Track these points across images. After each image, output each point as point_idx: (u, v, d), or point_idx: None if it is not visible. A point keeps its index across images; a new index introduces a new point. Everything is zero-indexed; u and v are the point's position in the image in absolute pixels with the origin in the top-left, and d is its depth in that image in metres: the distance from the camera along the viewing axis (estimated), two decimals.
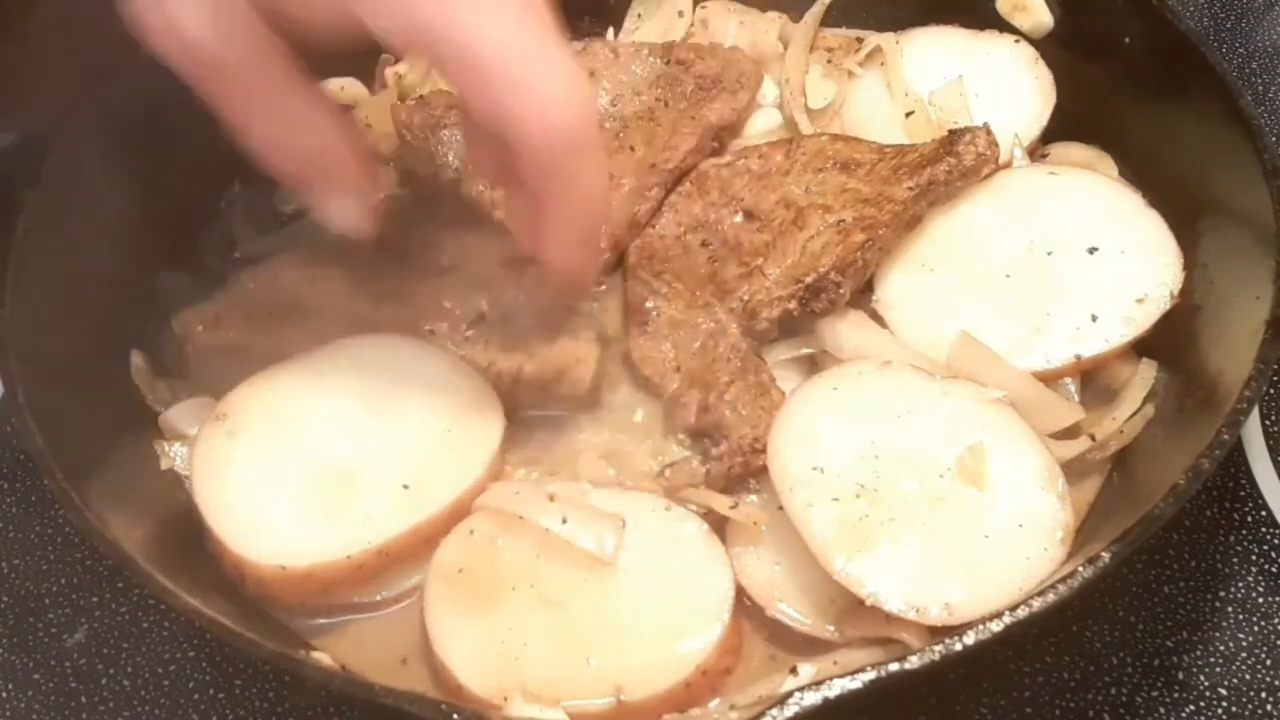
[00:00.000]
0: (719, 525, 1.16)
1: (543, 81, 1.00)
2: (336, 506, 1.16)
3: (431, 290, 1.37)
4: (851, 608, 1.09)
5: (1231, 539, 1.27)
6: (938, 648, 0.95)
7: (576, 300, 1.34)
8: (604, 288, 1.43)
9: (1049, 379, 1.24)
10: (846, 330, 1.27)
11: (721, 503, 1.16)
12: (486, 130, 1.04)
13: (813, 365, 1.30)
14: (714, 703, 1.09)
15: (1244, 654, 1.19)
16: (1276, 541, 1.26)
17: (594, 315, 1.37)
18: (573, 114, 1.02)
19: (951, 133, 1.39)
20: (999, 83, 1.50)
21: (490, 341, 1.32)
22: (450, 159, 1.51)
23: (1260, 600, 1.22)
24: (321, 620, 1.18)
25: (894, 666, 0.93)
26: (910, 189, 1.33)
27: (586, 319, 1.34)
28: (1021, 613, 0.96)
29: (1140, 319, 1.25)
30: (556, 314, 1.33)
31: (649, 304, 1.35)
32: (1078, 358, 1.24)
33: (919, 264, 1.33)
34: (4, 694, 1.24)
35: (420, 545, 1.16)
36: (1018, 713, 1.16)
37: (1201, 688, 1.17)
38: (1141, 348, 1.27)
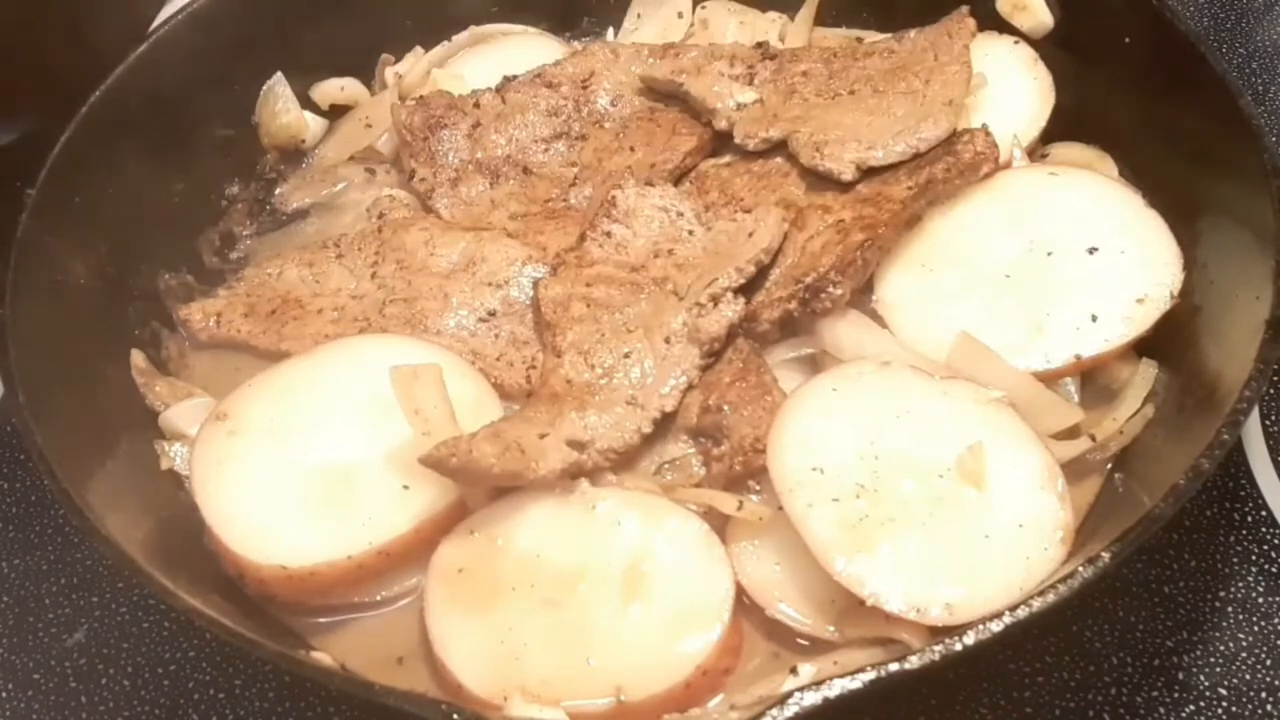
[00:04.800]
0: (719, 525, 1.16)
1: None
2: (337, 506, 1.16)
3: (434, 289, 1.37)
4: (852, 608, 1.09)
5: (1231, 539, 1.27)
6: (938, 648, 0.95)
7: None
8: None
9: (1049, 379, 1.24)
10: (846, 330, 1.27)
11: (723, 502, 1.16)
12: None
13: (813, 365, 1.30)
14: (714, 702, 1.09)
15: (1244, 654, 1.19)
16: (1276, 541, 1.26)
17: None
18: None
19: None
20: (999, 83, 1.50)
21: (500, 335, 1.33)
22: (450, 159, 1.51)
23: (1260, 600, 1.22)
24: (321, 620, 1.19)
25: (894, 666, 0.93)
26: (909, 188, 1.33)
27: None
28: (1021, 613, 0.96)
29: (1140, 319, 1.25)
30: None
31: None
32: (1078, 358, 1.24)
33: (919, 264, 1.32)
34: (4, 694, 1.24)
35: (420, 545, 1.16)
36: (1018, 713, 1.16)
37: (1201, 688, 1.17)
38: (1141, 348, 1.27)
